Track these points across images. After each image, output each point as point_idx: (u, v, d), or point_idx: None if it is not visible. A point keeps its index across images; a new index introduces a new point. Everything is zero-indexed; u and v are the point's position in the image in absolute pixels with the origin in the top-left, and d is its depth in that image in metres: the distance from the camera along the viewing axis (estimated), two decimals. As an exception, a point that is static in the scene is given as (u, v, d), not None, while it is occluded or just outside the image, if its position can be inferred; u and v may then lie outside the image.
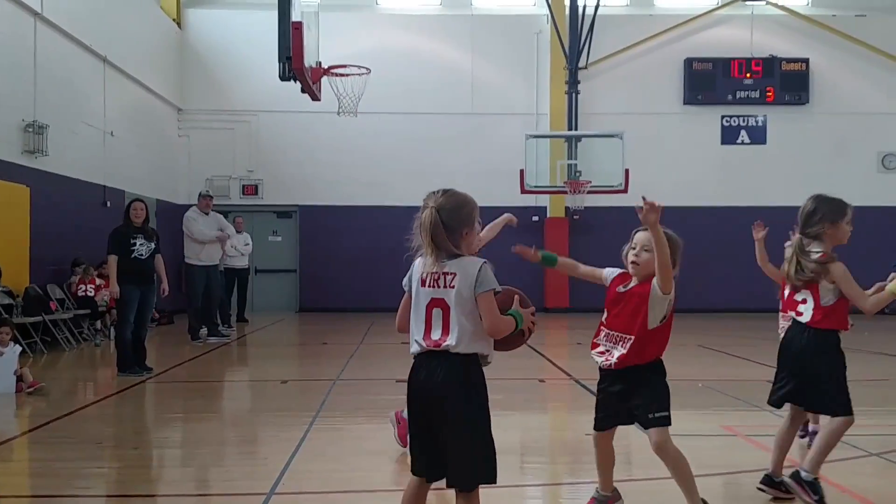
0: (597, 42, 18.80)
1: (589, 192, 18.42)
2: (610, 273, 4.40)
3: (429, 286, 3.38)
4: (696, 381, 8.78)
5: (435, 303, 3.38)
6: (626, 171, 18.02)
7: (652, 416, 4.00)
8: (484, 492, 3.46)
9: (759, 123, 19.40)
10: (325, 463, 5.46)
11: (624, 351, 4.07)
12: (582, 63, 18.86)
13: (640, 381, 4.07)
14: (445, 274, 3.37)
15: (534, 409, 7.66)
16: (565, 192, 18.51)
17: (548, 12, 18.91)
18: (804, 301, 4.61)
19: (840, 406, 4.48)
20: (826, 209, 4.62)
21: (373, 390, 8.60)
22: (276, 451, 5.86)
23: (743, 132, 19.46)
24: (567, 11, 18.92)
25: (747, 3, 19.29)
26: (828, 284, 4.50)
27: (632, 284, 4.19)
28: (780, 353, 4.77)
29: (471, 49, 19.74)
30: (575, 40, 18.77)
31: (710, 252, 18.99)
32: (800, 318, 4.62)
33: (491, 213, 20.19)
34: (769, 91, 19.09)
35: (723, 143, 19.46)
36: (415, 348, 3.44)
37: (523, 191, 18.41)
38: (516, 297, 3.65)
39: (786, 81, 19.09)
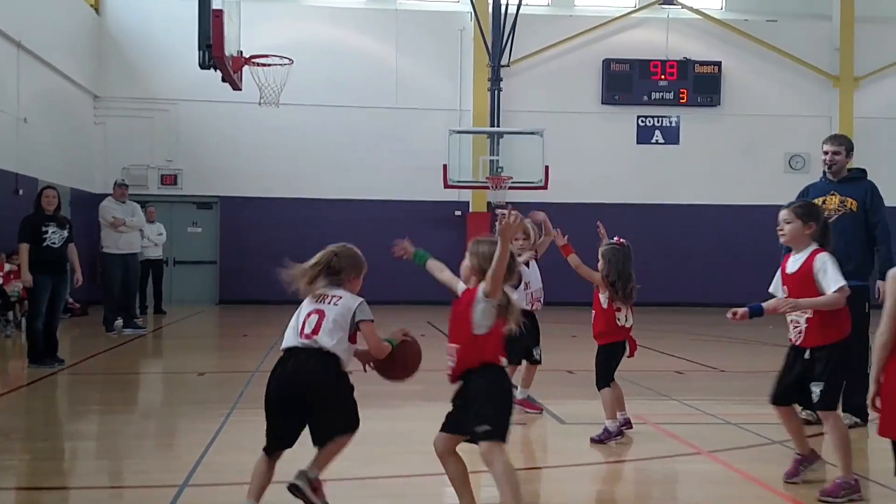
0: (519, 41, 19.07)
1: (510, 188, 18.70)
2: (462, 287, 4.22)
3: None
4: (610, 373, 9.06)
5: None
6: (547, 168, 18.39)
7: (479, 429, 3.85)
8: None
9: (673, 124, 20.01)
10: (240, 454, 5.47)
11: (453, 362, 4.00)
12: (505, 61, 19.11)
13: (473, 391, 3.94)
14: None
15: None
16: (487, 188, 18.75)
17: (471, 10, 19.09)
18: None
19: None
20: None
21: (293, 382, 8.60)
22: (191, 443, 5.85)
23: (658, 132, 20.03)
24: (490, 10, 19.13)
25: (663, 6, 19.84)
26: None
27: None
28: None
29: (395, 44, 19.78)
30: (498, 38, 19.00)
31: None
32: None
33: (414, 206, 20.52)
34: (683, 93, 19.69)
35: (638, 142, 19.99)
36: None
37: (446, 185, 18.58)
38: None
39: (699, 84, 19.73)
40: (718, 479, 5.08)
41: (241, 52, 12.69)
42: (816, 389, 4.61)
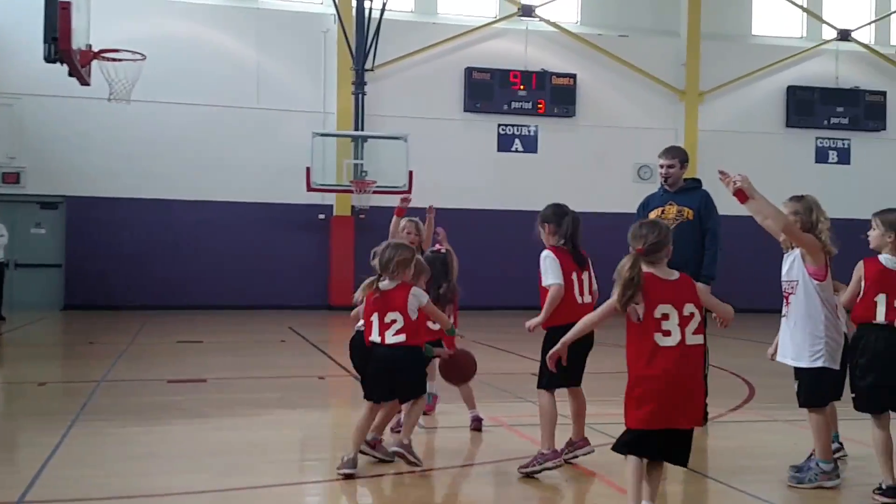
0: (383, 45, 19.11)
1: (374, 192, 18.71)
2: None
3: None
4: (468, 376, 9.21)
5: None
6: (410, 173, 18.50)
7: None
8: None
9: (532, 133, 20.58)
10: (81, 468, 5.22)
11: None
12: (369, 65, 19.10)
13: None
14: None
15: (314, 406, 7.71)
16: (351, 192, 18.68)
17: (335, 12, 18.98)
18: None
19: None
20: None
21: (142, 391, 8.28)
22: (29, 456, 5.52)
23: (517, 141, 20.55)
24: (354, 13, 19.08)
25: (522, 18, 20.38)
26: None
27: None
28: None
29: (256, 43, 19.39)
30: (361, 42, 18.97)
31: (485, 252, 19.91)
32: None
33: (275, 209, 20.10)
34: (540, 103, 20.29)
35: (499, 150, 20.45)
36: None
37: (309, 188, 18.38)
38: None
39: (555, 95, 20.39)
40: (569, 478, 5.25)
41: (91, 46, 12.07)
42: None
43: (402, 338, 5.13)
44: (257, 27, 19.41)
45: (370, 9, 18.81)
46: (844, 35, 21.49)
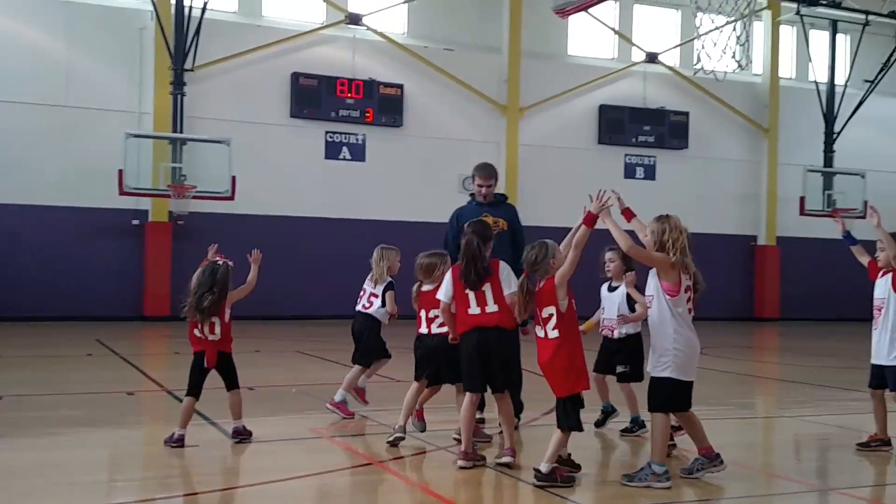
0: (205, 45, 18.45)
1: (194, 198, 18.03)
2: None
3: None
4: (291, 387, 9.05)
5: None
6: (234, 179, 17.99)
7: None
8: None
9: (359, 142, 20.56)
10: None
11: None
12: (189, 65, 18.38)
13: None
14: None
15: (121, 423, 7.27)
16: (169, 196, 17.90)
17: (152, 9, 18.15)
18: None
19: None
20: None
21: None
22: None
23: (345, 149, 20.45)
24: (173, 10, 18.32)
25: (350, 25, 20.34)
26: None
27: None
28: None
29: (66, 38, 18.21)
30: (181, 41, 18.23)
31: (312, 261, 19.69)
32: None
33: (83, 213, 18.93)
34: (368, 112, 20.30)
35: (326, 157, 20.26)
36: None
37: (122, 192, 17.46)
38: None
39: (383, 104, 20.47)
40: (386, 489, 5.25)
41: None
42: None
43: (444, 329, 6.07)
44: (68, 21, 18.24)
45: (190, 7, 18.12)
46: (652, 58, 22.99)
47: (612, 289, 6.93)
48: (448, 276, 5.93)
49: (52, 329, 15.86)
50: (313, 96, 19.82)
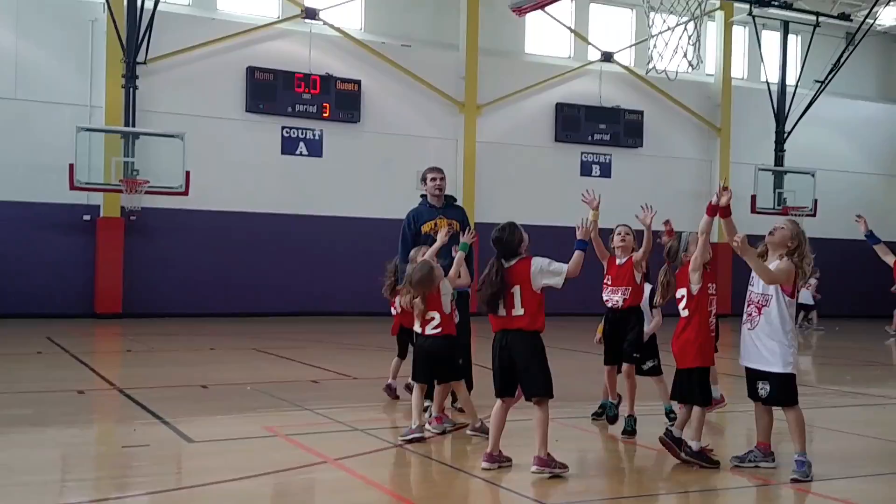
0: (157, 38, 18.16)
1: (147, 193, 17.78)
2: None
3: None
4: (245, 385, 8.98)
5: None
6: (188, 174, 17.76)
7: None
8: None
9: (317, 137, 20.42)
10: None
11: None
12: (141, 58, 18.08)
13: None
14: None
15: (72, 422, 7.14)
16: (121, 191, 17.62)
17: (104, 0, 17.81)
18: None
19: None
20: None
21: None
22: None
23: (302, 144, 20.30)
24: (125, 2, 18.01)
25: (306, 20, 20.19)
26: None
27: None
28: None
29: (15, 29, 17.80)
30: (133, 33, 17.92)
31: (269, 256, 19.53)
32: None
33: (33, 209, 18.58)
34: (325, 107, 20.17)
35: (283, 153, 20.09)
36: None
37: (72, 187, 17.15)
38: None
39: (340, 100, 20.35)
40: (341, 487, 5.24)
41: None
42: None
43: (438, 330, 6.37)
44: (16, 11, 17.83)
45: (143, -1, 17.82)
46: (607, 57, 23.21)
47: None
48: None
49: (1, 326, 15.52)
50: (269, 91, 19.64)
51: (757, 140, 24.61)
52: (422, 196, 7.79)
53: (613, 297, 6.86)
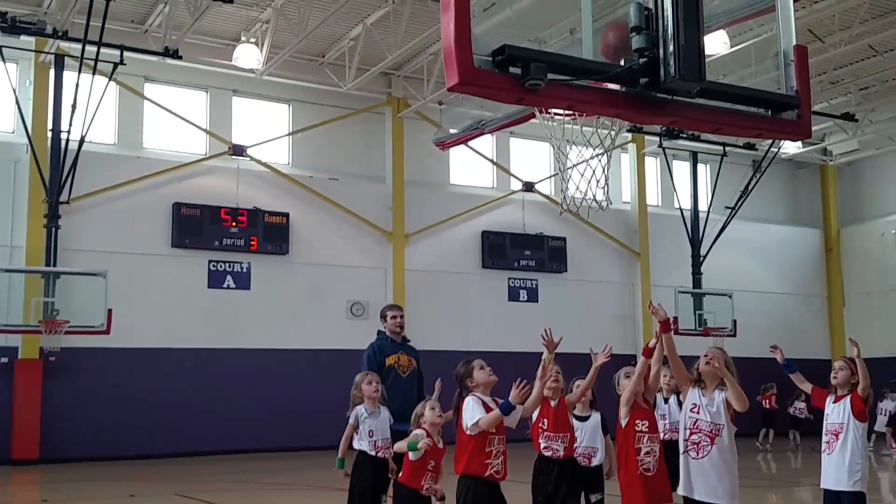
0: (82, 177, 18.09)
1: (67, 332, 17.25)
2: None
3: None
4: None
5: None
6: (110, 311, 17.35)
7: None
8: None
9: (244, 269, 20.33)
10: None
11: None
12: (64, 197, 17.94)
13: None
14: None
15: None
16: (40, 332, 17.07)
17: (27, 142, 17.80)
18: None
19: None
20: None
21: None
22: None
23: (229, 277, 20.16)
24: (49, 143, 18.01)
25: (233, 157, 20.47)
26: None
27: None
28: None
29: (-67, 169, 17.58)
30: (57, 173, 17.83)
31: (194, 393, 18.96)
32: None
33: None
34: (253, 240, 20.18)
35: (209, 286, 19.89)
36: None
37: (-10, 329, 16.57)
38: None
39: (268, 232, 20.43)
40: None
41: None
42: None
43: None
44: (-65, 152, 17.67)
45: (67, 140, 17.85)
46: (529, 187, 24.04)
47: (582, 419, 6.70)
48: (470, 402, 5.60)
49: None
50: (196, 225, 19.62)
51: (675, 263, 25.47)
52: (379, 332, 8.17)
53: (553, 444, 6.28)
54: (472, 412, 5.32)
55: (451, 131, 17.09)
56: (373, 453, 6.72)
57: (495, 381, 5.44)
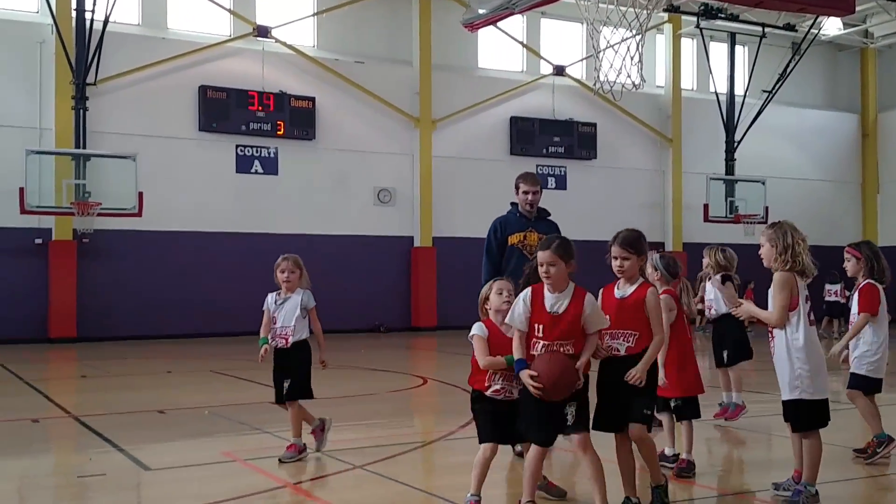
0: (107, 59, 17.97)
1: (99, 215, 17.53)
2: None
3: None
4: (203, 409, 8.88)
5: None
6: (141, 194, 17.57)
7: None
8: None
9: (272, 155, 20.33)
10: None
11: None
12: (91, 79, 17.86)
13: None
14: None
15: (27, 452, 6.99)
16: (73, 214, 17.36)
17: (52, 22, 17.57)
18: None
19: None
20: None
21: None
22: None
23: (256, 162, 20.20)
24: (74, 24, 17.79)
25: (258, 38, 20.12)
26: None
27: None
28: None
29: (-40, 50, 17.49)
30: (82, 54, 17.72)
31: (224, 276, 19.33)
32: None
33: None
34: (280, 124, 20.10)
35: (237, 171, 19.97)
36: None
37: (23, 211, 16.87)
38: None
39: (295, 117, 20.30)
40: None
41: None
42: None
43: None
44: (-40, 33, 17.53)
45: (92, 19, 17.62)
46: (559, 70, 23.47)
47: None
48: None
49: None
50: (223, 109, 19.52)
51: (707, 150, 25.04)
52: (512, 204, 7.12)
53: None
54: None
55: (481, 11, 16.60)
56: (273, 343, 6.42)
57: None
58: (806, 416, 5.00)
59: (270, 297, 6.60)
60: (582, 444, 4.51)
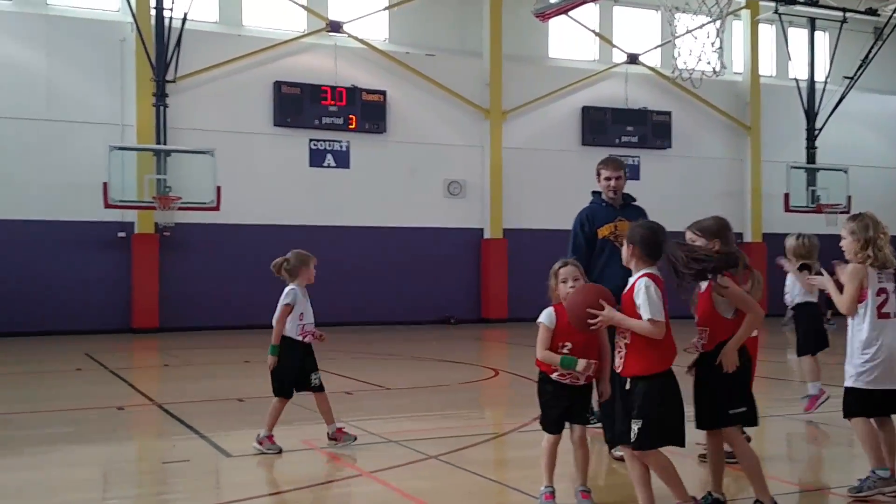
0: (186, 56, 18.43)
1: (180, 209, 18.00)
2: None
3: None
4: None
5: None
6: (219, 189, 17.97)
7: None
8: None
9: (343, 148, 20.55)
10: None
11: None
12: (170, 76, 18.34)
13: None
14: None
15: (112, 439, 7.26)
16: (154, 208, 17.86)
17: (132, 20, 18.10)
18: None
19: None
20: None
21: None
22: None
23: (329, 156, 20.45)
24: (153, 22, 18.27)
25: (331, 33, 20.33)
26: None
27: None
28: None
29: (46, 51, 18.12)
30: (162, 52, 18.20)
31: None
32: None
33: (69, 227, 18.92)
34: (351, 119, 20.30)
35: (311, 165, 20.24)
36: None
37: (107, 205, 17.42)
38: None
39: (366, 111, 20.47)
40: (378, 500, 5.26)
41: None
42: (635, 427, 4.24)
43: None
44: (47, 34, 18.15)
45: (171, 17, 18.09)
46: (633, 59, 23.09)
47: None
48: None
49: (40, 344, 15.79)
50: (296, 104, 19.82)
51: (787, 138, 24.34)
52: (594, 193, 6.71)
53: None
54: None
55: (552, 1, 16.43)
56: (298, 338, 6.73)
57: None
58: (855, 404, 5.02)
59: (297, 290, 6.80)
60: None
